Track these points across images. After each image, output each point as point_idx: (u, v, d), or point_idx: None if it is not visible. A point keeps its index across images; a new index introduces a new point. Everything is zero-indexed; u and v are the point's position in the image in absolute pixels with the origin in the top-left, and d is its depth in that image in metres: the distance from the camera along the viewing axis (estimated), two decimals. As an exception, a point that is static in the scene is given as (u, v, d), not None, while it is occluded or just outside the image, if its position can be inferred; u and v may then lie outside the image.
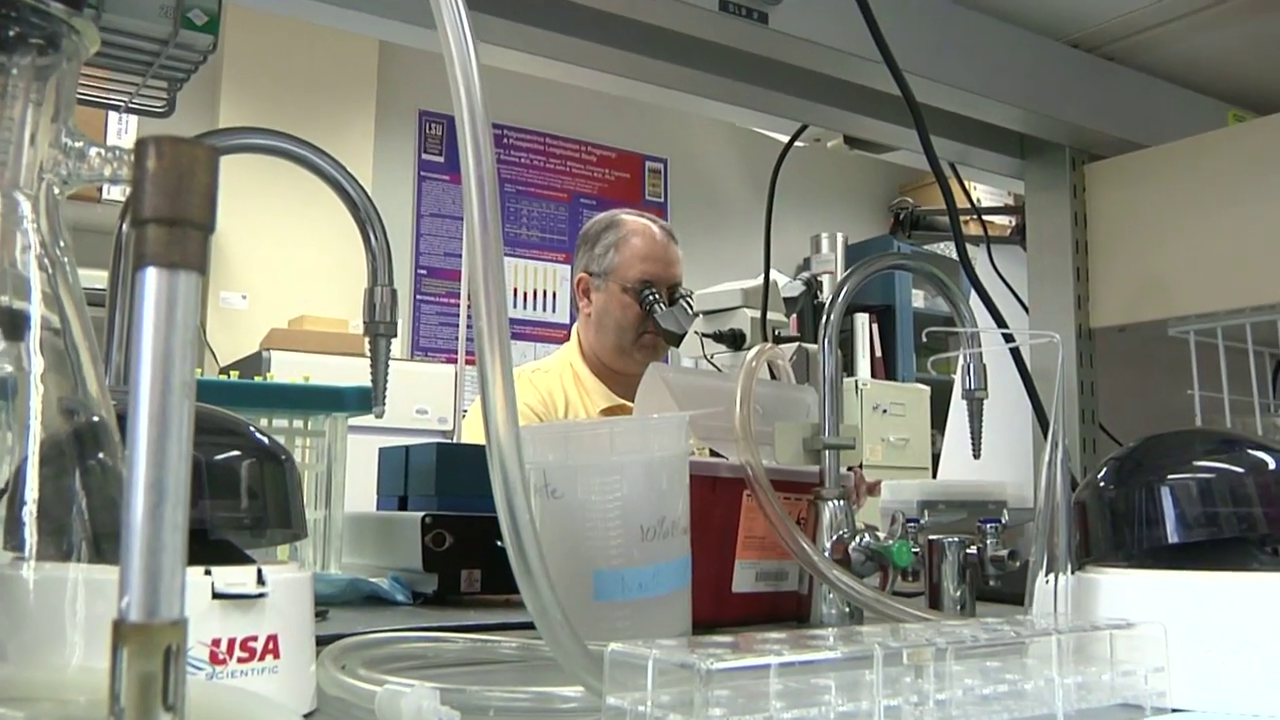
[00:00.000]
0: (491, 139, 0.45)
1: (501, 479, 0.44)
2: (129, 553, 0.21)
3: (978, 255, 1.62)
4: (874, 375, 4.46)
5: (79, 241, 0.41)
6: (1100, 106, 1.38)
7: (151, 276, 0.22)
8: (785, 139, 1.39)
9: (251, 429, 0.59)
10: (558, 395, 1.86)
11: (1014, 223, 1.67)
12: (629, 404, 1.85)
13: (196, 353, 0.22)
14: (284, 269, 3.76)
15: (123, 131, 3.13)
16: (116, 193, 3.13)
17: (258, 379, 1.15)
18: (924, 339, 0.88)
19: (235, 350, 3.45)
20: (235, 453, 0.55)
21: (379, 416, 0.86)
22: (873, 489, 1.61)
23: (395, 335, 0.84)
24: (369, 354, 0.84)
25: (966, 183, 1.56)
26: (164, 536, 0.21)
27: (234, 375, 1.16)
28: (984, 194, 3.78)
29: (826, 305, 0.95)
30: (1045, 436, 0.65)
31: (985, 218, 1.62)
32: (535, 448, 0.70)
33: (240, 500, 0.54)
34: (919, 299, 4.82)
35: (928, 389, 4.20)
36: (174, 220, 0.21)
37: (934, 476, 2.05)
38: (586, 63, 1.11)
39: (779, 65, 1.18)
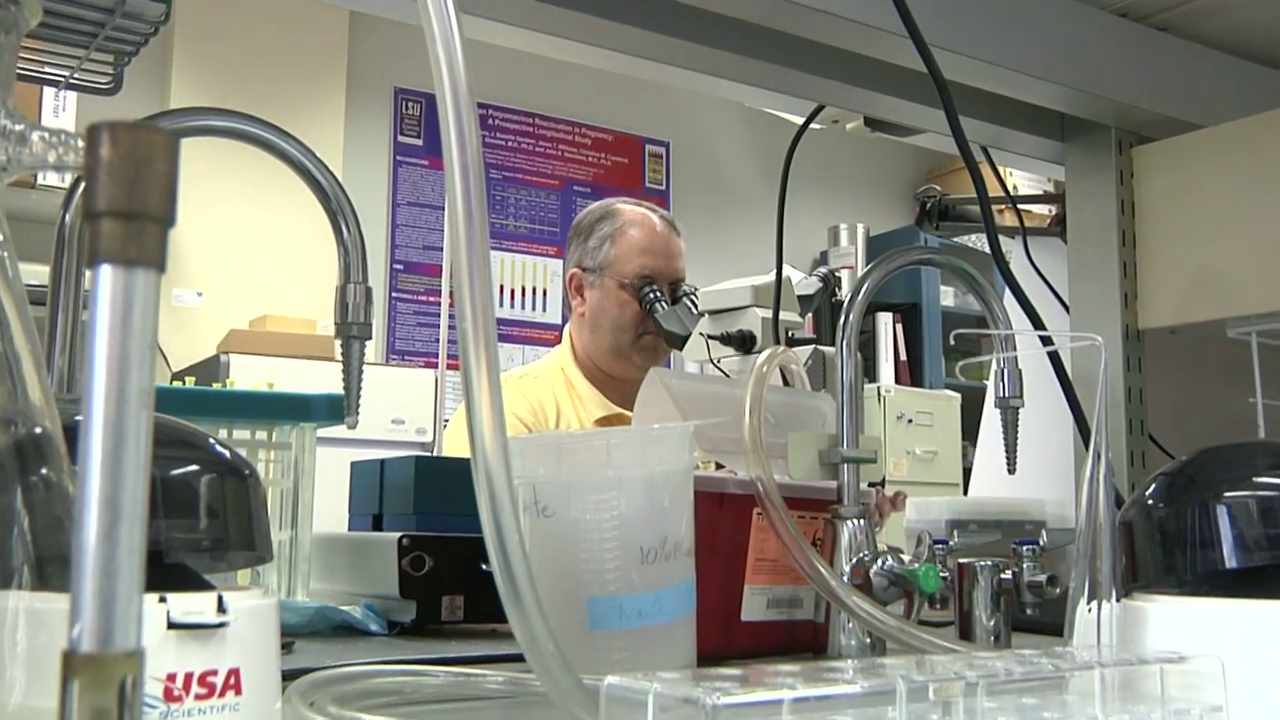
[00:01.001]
0: (477, 120, 0.46)
1: (488, 495, 0.45)
2: (81, 576, 0.21)
3: (1013, 248, 1.63)
4: (898, 381, 4.46)
5: (12, 231, 0.42)
6: (1150, 82, 1.38)
7: (106, 275, 0.22)
8: (800, 120, 1.40)
9: (211, 441, 0.60)
10: (548, 404, 1.86)
11: (1053, 212, 1.67)
12: (627, 413, 1.85)
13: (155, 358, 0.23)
14: (244, 264, 3.76)
15: (59, 109, 3.13)
16: (54, 177, 3.13)
17: (216, 386, 1.15)
18: (952, 341, 0.89)
19: (190, 354, 3.45)
20: (193, 467, 0.55)
21: (352, 427, 0.87)
22: (895, 502, 1.61)
23: (370, 338, 0.84)
24: (340, 358, 0.85)
25: (1001, 168, 1.57)
26: (119, 559, 0.21)
27: (189, 382, 1.17)
28: (1020, 181, 3.78)
29: (845, 304, 0.95)
30: (1087, 449, 0.65)
31: (1021, 207, 1.63)
32: (525, 461, 0.70)
33: (199, 520, 0.54)
34: (948, 297, 4.82)
35: (958, 396, 4.20)
36: (131, 213, 0.22)
37: (965, 493, 2.06)
38: (582, 37, 1.12)
39: (793, 39, 1.18)
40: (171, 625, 0.47)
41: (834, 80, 1.27)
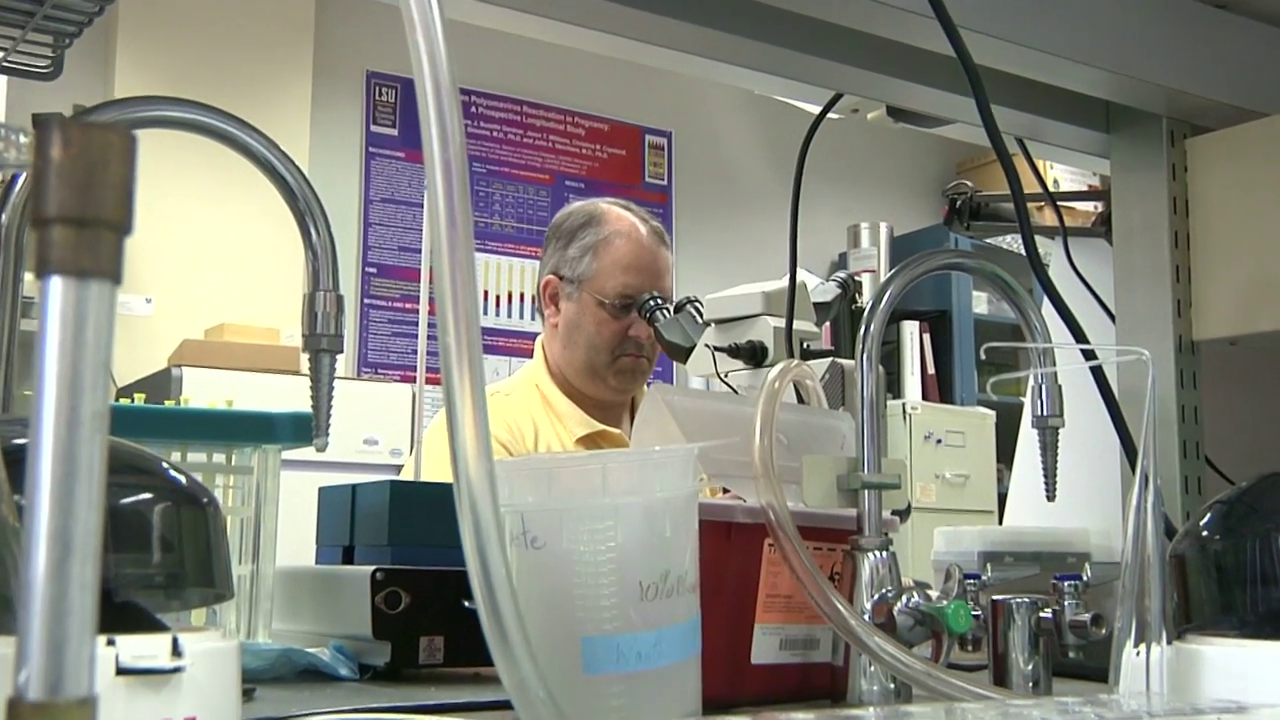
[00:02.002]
0: (460, 110, 0.46)
1: (472, 525, 0.45)
2: (29, 617, 0.21)
3: (1053, 251, 1.63)
4: (925, 397, 4.47)
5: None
6: (1206, 65, 1.39)
7: (57, 287, 0.22)
8: (816, 109, 1.40)
9: (164, 465, 0.60)
10: (525, 424, 1.86)
11: (1098, 210, 1.68)
12: (612, 430, 1.85)
13: (110, 376, 0.23)
14: (199, 267, 3.77)
15: (-12, 95, 3.14)
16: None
17: (168, 403, 1.15)
18: (982, 355, 0.89)
19: (138, 367, 3.45)
20: (145, 495, 0.56)
21: (321, 449, 0.87)
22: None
23: (341, 350, 0.84)
24: (308, 372, 0.85)
25: (1039, 162, 1.57)
26: (70, 597, 0.21)
27: (138, 399, 1.17)
28: (1062, 175, 3.79)
29: (866, 312, 0.95)
30: (1135, 473, 0.65)
31: (1061, 205, 1.63)
32: (512, 487, 0.70)
33: (151, 553, 0.55)
34: (980, 304, 4.83)
35: (992, 414, 4.20)
36: (84, 220, 0.22)
37: (999, 522, 2.06)
38: (575, 19, 1.12)
39: (808, 21, 1.19)
40: (121, 671, 0.47)
41: (853, 66, 1.27)
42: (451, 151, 0.42)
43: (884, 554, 0.90)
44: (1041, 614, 0.90)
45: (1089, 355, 1.16)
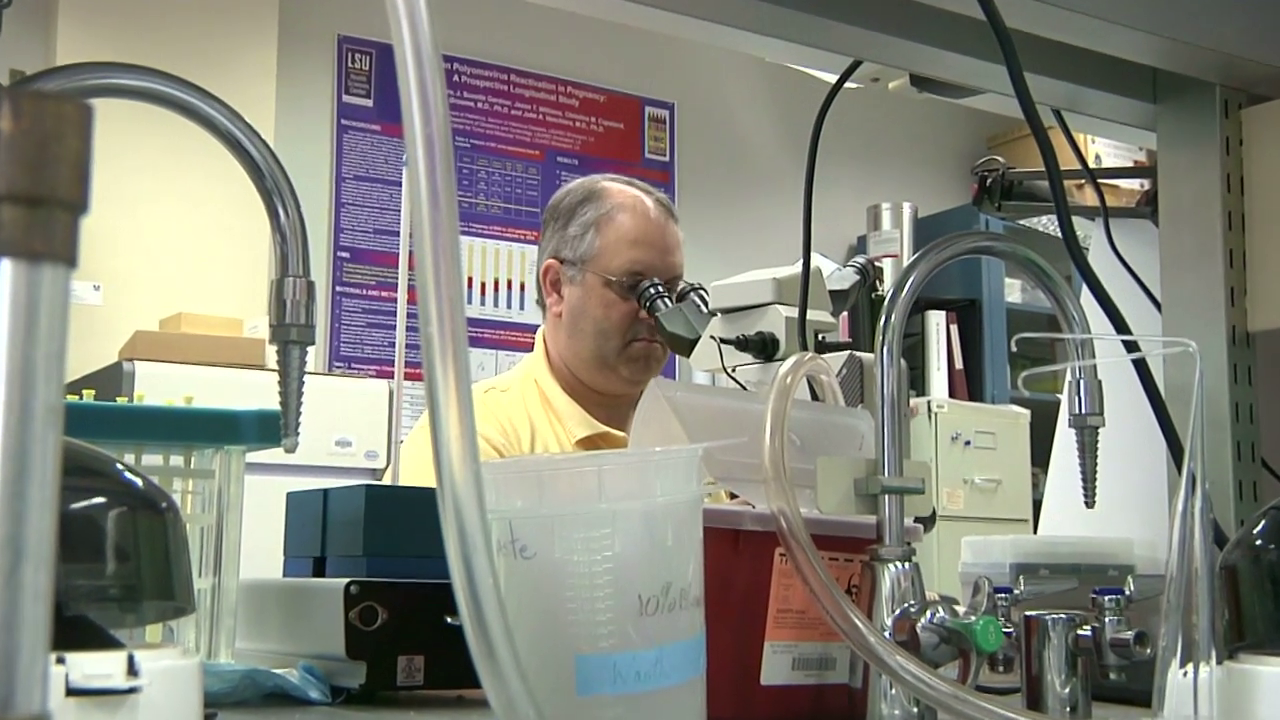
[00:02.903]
0: (443, 80, 0.46)
1: (456, 532, 0.45)
2: (-23, 628, 0.22)
3: (1093, 233, 1.63)
4: (953, 394, 4.47)
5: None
6: (1264, 28, 1.38)
7: (7, 270, 0.22)
8: (832, 79, 1.41)
9: (118, 468, 0.60)
10: (521, 422, 1.86)
11: (1143, 189, 1.68)
12: (616, 432, 1.85)
13: (64, 368, 0.23)
14: (154, 251, 3.76)
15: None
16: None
17: (120, 400, 1.15)
18: (1013, 348, 0.90)
19: (86, 360, 3.45)
20: (98, 500, 0.56)
21: (290, 451, 0.87)
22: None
23: (312, 342, 0.85)
24: (276, 367, 0.85)
25: (1078, 136, 1.57)
26: (23, 608, 0.22)
27: (87, 395, 1.17)
28: (1104, 150, 3.78)
29: (887, 300, 0.96)
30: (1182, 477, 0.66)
31: (1103, 182, 1.63)
32: (499, 491, 0.71)
33: (105, 563, 0.55)
34: (1014, 292, 4.83)
35: (1026, 413, 4.21)
36: (36, 199, 0.22)
37: (1034, 531, 2.06)
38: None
39: (824, -20, 1.19)
40: (71, 691, 0.48)
41: (873, 30, 1.28)
42: (434, 126, 0.42)
43: (906, 565, 0.90)
44: (1080, 631, 0.91)
45: (1132, 347, 1.16)
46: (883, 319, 0.95)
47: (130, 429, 1.03)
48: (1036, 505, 3.47)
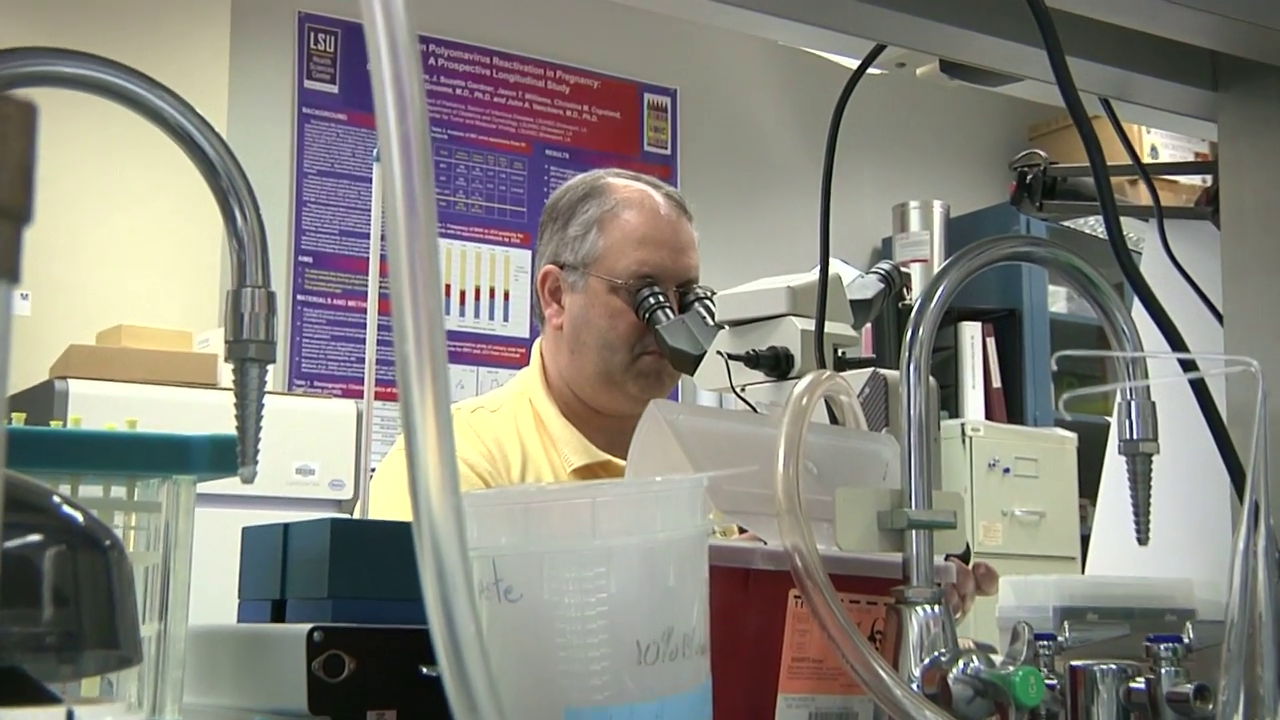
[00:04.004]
0: (420, 70, 0.47)
1: (434, 572, 0.46)
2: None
3: (1147, 235, 1.64)
4: (990, 416, 4.47)
5: None
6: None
7: (-54, 284, 0.23)
8: (853, 64, 1.41)
9: (57, 501, 0.61)
10: (511, 447, 1.86)
11: (1203, 186, 1.68)
12: (618, 460, 1.85)
13: (4, 389, 0.24)
14: (90, 257, 3.76)
15: None
16: None
17: (54, 424, 1.15)
18: (1054, 366, 0.90)
19: (13, 378, 3.42)
20: (34, 537, 0.56)
21: (247, 481, 0.87)
22: (982, 582, 1.61)
23: (273, 360, 0.85)
24: (232, 386, 0.86)
25: (1131, 128, 1.58)
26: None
27: (17, 419, 1.17)
28: (1161, 142, 3.76)
29: (914, 311, 0.96)
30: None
31: (1157, 179, 1.64)
32: (482, 526, 0.71)
33: (41, 608, 0.55)
34: (1058, 300, 4.84)
35: (1072, 437, 4.21)
36: (-21, 205, 0.23)
37: (1082, 570, 2.06)
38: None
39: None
40: (6, 748, 0.48)
41: (898, 10, 1.28)
42: (411, 123, 0.43)
43: (936, 609, 0.91)
44: (1132, 684, 0.91)
45: (1189, 366, 1.17)
46: (909, 332, 0.96)
47: (65, 456, 1.03)
48: (1085, 541, 3.47)
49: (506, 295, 4.46)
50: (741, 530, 1.33)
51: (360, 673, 0.97)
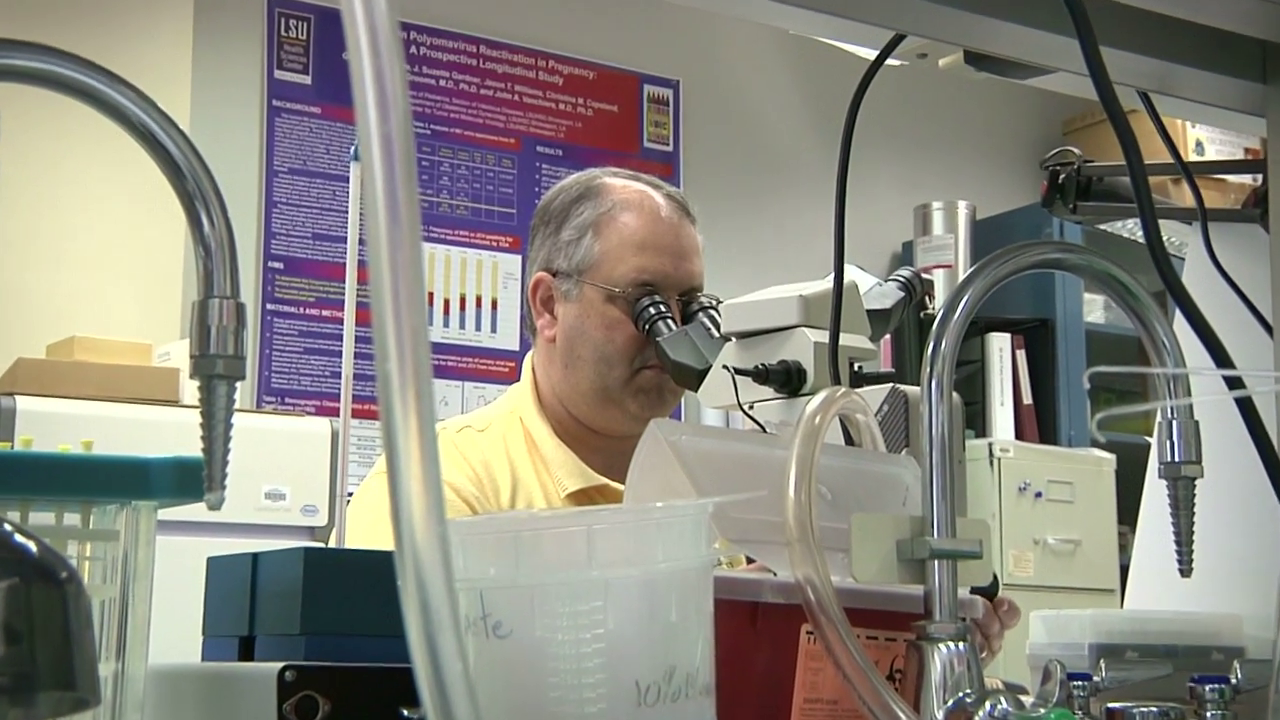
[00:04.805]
0: (403, 64, 0.47)
1: (418, 606, 0.46)
2: None
3: (1190, 240, 1.64)
4: (1020, 436, 4.47)
5: None
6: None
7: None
8: (871, 55, 1.42)
9: (8, 530, 0.61)
10: (500, 470, 1.86)
11: (1253, 186, 1.69)
12: (616, 485, 1.85)
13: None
14: (41, 262, 3.76)
15: None
16: None
17: (1, 445, 1.15)
18: (1086, 383, 0.91)
19: (-46, 396, 3.45)
20: (-16, 568, 0.57)
21: (214, 507, 0.88)
22: (1006, 617, 1.61)
23: (242, 376, 0.85)
24: (198, 404, 0.86)
25: (1174, 123, 1.58)
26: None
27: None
28: (1206, 138, 3.76)
29: (937, 322, 0.97)
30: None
31: (1201, 178, 1.64)
32: (469, 555, 0.71)
33: (-9, 645, 0.56)
34: (1095, 309, 4.83)
35: (1111, 458, 4.20)
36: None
37: (1120, 604, 2.06)
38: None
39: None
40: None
41: (920, -3, 1.29)
42: (394, 122, 0.43)
43: (961, 646, 0.91)
44: (1174, 727, 0.91)
45: (1235, 383, 1.17)
46: (932, 344, 0.96)
47: (14, 481, 1.03)
48: (1123, 572, 3.48)
49: (494, 304, 4.46)
50: (749, 561, 1.34)
51: (336, 716, 0.97)
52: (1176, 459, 1.07)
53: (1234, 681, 0.91)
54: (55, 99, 0.87)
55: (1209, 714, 0.90)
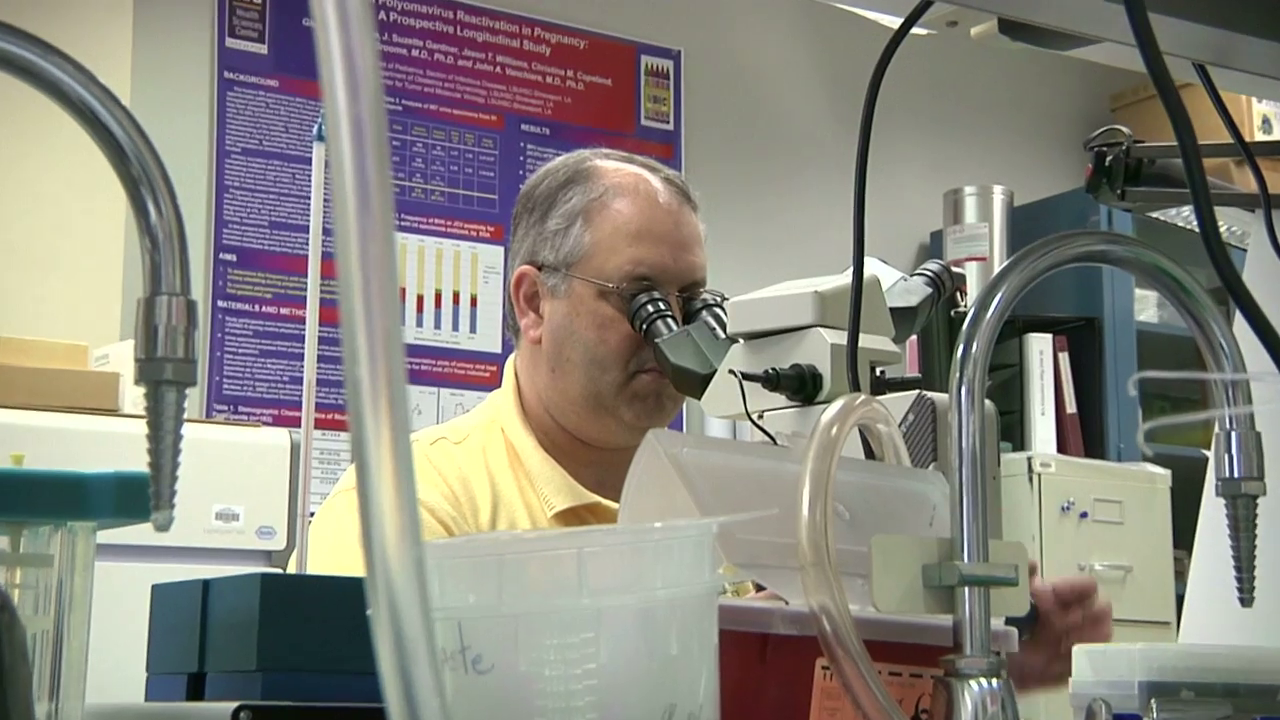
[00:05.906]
0: (374, 35, 0.47)
1: (390, 638, 0.46)
2: None
3: (1252, 229, 1.65)
4: (1063, 449, 4.46)
5: None
6: None
7: None
8: (895, 23, 1.42)
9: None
10: (479, 486, 1.87)
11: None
12: (609, 503, 1.86)
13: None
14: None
15: None
16: None
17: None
18: (1131, 390, 0.91)
19: (-128, 403, 3.45)
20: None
21: (162, 529, 0.88)
22: (1099, 622, 1.60)
23: (194, 382, 0.86)
24: (144, 413, 0.86)
25: (1234, 100, 1.58)
26: None
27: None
28: (1274, 116, 3.75)
29: (968, 321, 0.97)
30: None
31: (1264, 160, 1.65)
32: (445, 582, 0.72)
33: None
34: (1148, 307, 4.83)
35: (1166, 474, 4.19)
36: None
37: (1176, 637, 2.06)
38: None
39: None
40: None
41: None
42: (365, 102, 0.43)
43: (995, 683, 0.91)
44: (1231, 773, 0.92)
45: (1299, 388, 1.17)
46: (962, 346, 0.96)
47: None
48: (1179, 601, 3.47)
49: (474, 301, 4.46)
50: (758, 588, 1.34)
51: (297, 761, 0.97)
52: (1236, 474, 1.07)
53: (1301, 723, 0.92)
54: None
55: (1273, 759, 0.91)
